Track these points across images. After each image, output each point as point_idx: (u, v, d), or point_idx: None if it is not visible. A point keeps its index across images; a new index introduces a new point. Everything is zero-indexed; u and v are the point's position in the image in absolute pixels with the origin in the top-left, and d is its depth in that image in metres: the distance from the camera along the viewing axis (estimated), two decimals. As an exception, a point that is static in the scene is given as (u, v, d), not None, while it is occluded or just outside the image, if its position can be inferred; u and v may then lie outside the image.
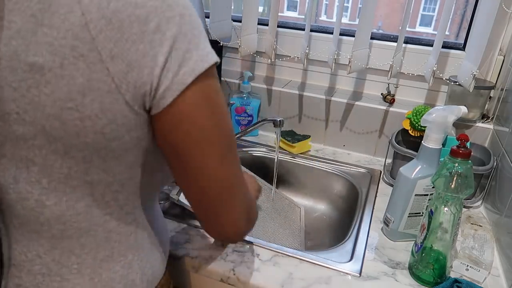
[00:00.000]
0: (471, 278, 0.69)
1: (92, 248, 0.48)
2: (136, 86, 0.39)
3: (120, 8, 0.37)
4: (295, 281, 0.67)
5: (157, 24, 0.38)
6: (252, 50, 1.16)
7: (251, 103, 1.19)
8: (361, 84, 1.18)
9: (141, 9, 0.37)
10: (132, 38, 0.37)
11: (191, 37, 0.40)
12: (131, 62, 0.38)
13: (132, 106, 0.40)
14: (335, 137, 1.17)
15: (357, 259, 0.73)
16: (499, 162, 0.87)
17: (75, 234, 0.46)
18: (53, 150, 0.41)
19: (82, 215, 0.46)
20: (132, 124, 0.41)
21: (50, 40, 0.36)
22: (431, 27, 2.22)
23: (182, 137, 0.43)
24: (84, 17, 0.36)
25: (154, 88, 0.40)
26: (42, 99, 0.38)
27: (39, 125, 0.39)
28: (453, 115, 0.69)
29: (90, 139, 0.40)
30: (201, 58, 0.41)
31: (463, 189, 0.62)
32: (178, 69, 0.40)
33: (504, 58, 1.01)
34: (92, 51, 0.37)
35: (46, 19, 0.36)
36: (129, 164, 0.45)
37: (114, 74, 0.38)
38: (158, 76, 0.39)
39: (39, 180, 0.43)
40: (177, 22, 0.39)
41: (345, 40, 1.13)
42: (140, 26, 0.37)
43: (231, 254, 0.72)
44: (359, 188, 0.99)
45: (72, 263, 0.48)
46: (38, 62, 0.37)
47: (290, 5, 2.02)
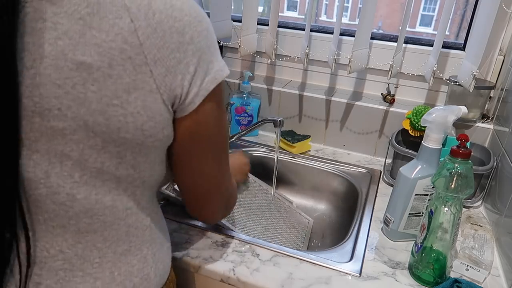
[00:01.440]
0: (471, 278, 0.69)
1: (113, 242, 0.50)
2: (171, 88, 0.44)
3: (163, 19, 0.42)
4: (295, 281, 0.67)
5: (191, 36, 0.44)
6: (252, 50, 1.16)
7: (251, 103, 1.19)
8: (361, 84, 1.18)
9: (179, 22, 0.43)
10: (171, 47, 0.43)
11: (213, 49, 0.47)
12: (169, 67, 0.43)
13: (167, 106, 0.45)
14: (335, 137, 1.17)
15: (357, 259, 0.73)
16: (499, 162, 0.87)
17: (100, 227, 0.48)
18: (91, 145, 0.43)
19: (108, 209, 0.48)
20: (166, 122, 0.46)
21: (99, 42, 0.40)
22: (431, 27, 2.22)
23: (196, 140, 0.50)
24: (133, 24, 0.40)
25: (185, 92, 0.45)
26: (88, 95, 0.41)
27: (82, 121, 0.42)
28: (453, 115, 0.69)
29: (130, 135, 0.44)
30: (220, 68, 0.48)
31: (463, 189, 0.62)
32: (204, 77, 0.46)
33: (504, 58, 1.01)
34: (139, 55, 0.41)
35: (94, 23, 0.39)
36: (153, 161, 0.49)
37: (156, 76, 0.42)
38: (189, 82, 0.45)
39: (72, 174, 0.44)
40: (205, 35, 0.45)
41: (345, 40, 1.13)
42: (178, 37, 0.43)
43: (231, 254, 0.72)
44: (359, 188, 0.99)
45: (94, 257, 0.49)
46: (87, 61, 0.40)
47: (290, 5, 2.01)
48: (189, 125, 0.48)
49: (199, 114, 0.47)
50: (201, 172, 0.53)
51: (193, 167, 0.52)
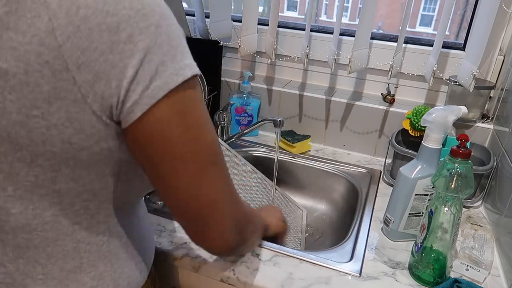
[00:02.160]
0: (471, 278, 0.69)
1: (59, 258, 0.46)
2: (103, 97, 0.37)
3: (90, 15, 0.35)
4: (295, 281, 0.67)
5: (129, 34, 0.36)
6: (252, 50, 1.16)
7: (251, 103, 1.19)
8: (361, 84, 1.18)
9: (112, 18, 0.36)
10: (100, 48, 0.36)
11: (167, 49, 0.39)
12: (99, 72, 0.36)
13: (100, 117, 0.39)
14: (335, 137, 1.17)
15: (357, 259, 0.73)
16: (499, 162, 0.87)
17: (41, 243, 0.45)
18: (18, 158, 0.39)
19: (49, 224, 0.44)
20: (102, 134, 0.40)
21: (15, 45, 0.35)
22: (431, 27, 2.22)
23: (153, 153, 0.41)
24: (51, 22, 0.35)
25: (121, 101, 0.38)
26: (7, 105, 0.37)
27: (4, 132, 0.38)
28: (453, 115, 0.69)
29: (57, 148, 0.39)
30: (176, 71, 0.39)
31: (463, 189, 0.62)
32: (149, 83, 0.38)
33: (504, 58, 1.01)
34: (57, 59, 0.35)
35: (12, 23, 0.35)
36: (100, 174, 0.43)
37: (81, 84, 0.36)
38: (126, 89, 0.37)
39: (5, 188, 0.41)
40: (152, 32, 0.37)
41: (345, 40, 1.13)
42: (110, 35, 0.36)
43: (231, 254, 0.72)
44: (359, 188, 0.99)
45: (37, 274, 0.46)
46: (2, 67, 0.35)
47: (290, 5, 2.01)
48: (137, 136, 0.40)
49: (148, 125, 0.39)
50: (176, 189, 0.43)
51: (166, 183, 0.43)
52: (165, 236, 0.75)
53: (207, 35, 1.15)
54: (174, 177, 0.42)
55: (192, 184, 0.43)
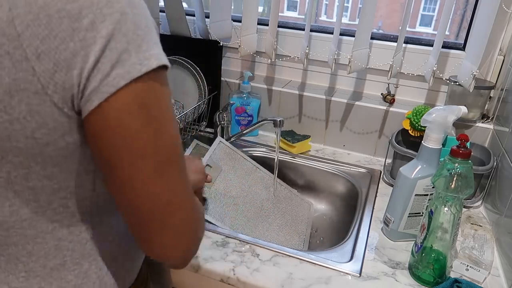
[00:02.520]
0: (471, 278, 0.69)
1: (41, 256, 0.45)
2: (64, 87, 0.36)
3: (49, 2, 0.34)
4: (295, 281, 0.67)
5: (91, 21, 0.35)
6: (252, 50, 1.16)
7: (251, 103, 1.19)
8: (361, 84, 1.18)
9: (73, 4, 0.34)
10: (61, 36, 0.34)
11: (132, 37, 0.37)
12: (59, 61, 0.35)
13: (61, 109, 0.37)
14: (335, 137, 1.17)
15: (357, 259, 0.73)
16: (499, 162, 0.87)
17: (20, 241, 0.44)
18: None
19: (27, 222, 0.43)
20: (66, 128, 0.39)
21: None
22: (431, 27, 2.22)
23: (109, 145, 0.39)
24: (11, 12, 0.34)
25: (81, 89, 0.37)
26: None
27: None
28: (453, 115, 0.69)
29: (22, 144, 0.38)
30: (140, 61, 0.37)
31: (463, 189, 0.62)
32: (110, 71, 0.36)
33: (504, 58, 1.01)
34: (17, 49, 0.34)
35: None
36: (73, 171, 0.42)
37: (40, 74, 0.35)
38: (86, 77, 0.36)
39: None
40: (116, 19, 0.36)
41: (345, 40, 1.13)
42: (70, 22, 0.34)
43: (231, 254, 0.72)
44: (359, 188, 0.99)
45: (20, 271, 0.45)
46: None
47: (290, 5, 2.01)
48: (94, 127, 0.38)
49: (107, 114, 0.37)
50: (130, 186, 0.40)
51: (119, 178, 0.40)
52: (165, 236, 0.75)
53: (207, 35, 1.15)
54: (130, 173, 0.39)
55: (149, 182, 0.40)
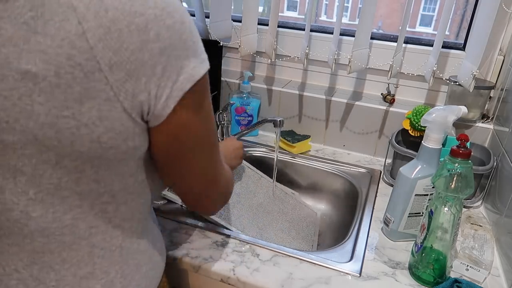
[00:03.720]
0: (471, 278, 0.69)
1: (73, 264, 0.46)
2: (134, 94, 0.39)
3: (119, 16, 0.36)
4: (295, 281, 0.67)
5: (157, 32, 0.38)
6: (252, 50, 1.16)
7: (251, 103, 1.19)
8: (361, 84, 1.18)
9: (140, 18, 0.37)
10: (131, 48, 0.37)
11: (190, 44, 0.41)
12: (130, 71, 0.38)
13: (130, 114, 0.40)
14: (335, 137, 1.17)
15: (357, 259, 0.73)
16: (499, 162, 0.87)
17: (57, 248, 0.45)
18: (44, 160, 0.40)
19: (67, 228, 0.44)
20: (130, 132, 0.41)
21: (44, 48, 0.36)
22: (431, 27, 2.22)
23: (181, 144, 0.45)
24: (81, 26, 0.36)
25: (153, 97, 0.40)
26: (35, 108, 0.37)
27: (31, 134, 0.38)
28: (453, 115, 0.69)
29: (85, 148, 0.40)
30: (198, 64, 0.42)
31: (463, 189, 0.62)
32: (177, 77, 0.40)
33: (504, 58, 1.00)
34: (90, 60, 0.36)
35: (39, 27, 0.35)
36: (121, 174, 0.45)
37: (113, 83, 0.38)
38: (157, 85, 0.40)
39: (26, 191, 0.41)
40: (177, 29, 0.40)
41: (345, 40, 1.13)
42: (139, 35, 0.37)
43: (231, 254, 0.72)
44: (359, 188, 0.99)
45: (50, 280, 0.46)
46: (31, 70, 0.36)
47: (290, 5, 2.01)
48: (171, 131, 0.43)
49: (180, 116, 0.43)
50: (192, 173, 0.49)
51: (183, 169, 0.48)
52: (165, 236, 0.75)
53: (207, 35, 1.15)
54: (192, 163, 0.48)
55: (204, 164, 0.50)
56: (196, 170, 0.49)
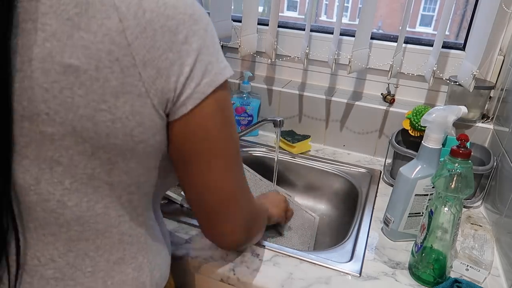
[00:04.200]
0: (471, 278, 0.69)
1: (106, 250, 0.48)
2: (163, 92, 0.41)
3: (154, 18, 0.40)
4: (295, 281, 0.67)
5: (185, 35, 0.41)
6: (252, 50, 1.16)
7: (251, 103, 1.19)
8: (361, 84, 1.18)
9: (172, 21, 0.40)
10: (163, 47, 0.40)
11: (213, 50, 0.44)
12: (161, 69, 0.40)
13: (157, 110, 0.42)
14: (335, 137, 1.17)
15: (357, 259, 0.73)
16: (499, 162, 0.87)
17: (91, 236, 0.47)
18: (80, 151, 0.42)
19: (100, 216, 0.46)
20: (158, 127, 0.44)
21: (87, 43, 0.38)
22: (431, 27, 2.22)
23: (192, 146, 0.46)
24: (121, 23, 0.38)
25: (177, 95, 0.42)
26: (75, 100, 0.39)
27: (70, 126, 0.40)
28: (453, 115, 0.69)
29: (119, 141, 0.42)
30: (220, 70, 0.45)
31: (463, 189, 0.62)
32: (201, 79, 0.43)
33: (504, 58, 1.01)
34: (126, 56, 0.39)
35: (83, 23, 0.38)
36: (147, 167, 0.47)
37: (145, 79, 0.40)
38: (183, 84, 0.42)
39: (62, 181, 0.43)
40: (202, 35, 0.43)
41: (345, 40, 1.13)
42: (170, 36, 0.40)
43: (231, 254, 0.72)
44: (359, 188, 0.99)
45: (86, 266, 0.48)
46: (74, 64, 0.38)
47: (290, 5, 2.02)
48: (182, 130, 0.45)
49: (195, 118, 0.44)
50: (203, 183, 0.48)
51: (196, 177, 0.48)
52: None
53: (207, 35, 1.15)
54: (204, 171, 0.47)
55: (219, 178, 0.48)
56: (210, 181, 0.48)
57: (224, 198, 0.50)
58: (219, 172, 0.48)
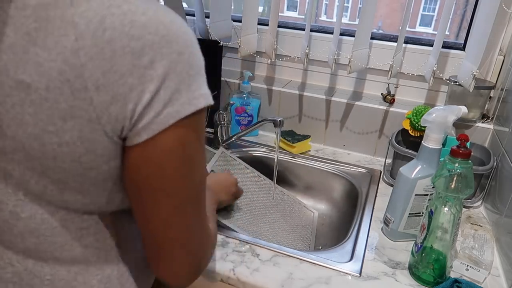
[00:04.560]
0: (471, 278, 0.69)
1: (67, 261, 0.46)
2: (117, 119, 0.38)
3: (116, 38, 0.36)
4: (295, 281, 0.67)
5: (151, 59, 0.37)
6: (252, 50, 1.16)
7: (251, 103, 1.19)
8: (361, 84, 1.18)
9: (136, 42, 0.36)
10: (121, 71, 0.36)
11: (184, 77, 0.39)
12: (117, 94, 0.37)
13: (111, 137, 0.39)
14: (335, 137, 1.17)
15: (357, 259, 0.73)
16: (499, 162, 0.87)
17: (49, 248, 0.45)
18: (30, 167, 0.40)
19: (57, 230, 0.44)
20: (112, 154, 0.40)
21: (41, 60, 0.36)
22: (431, 27, 2.22)
23: (143, 179, 0.41)
24: (77, 42, 0.35)
25: (133, 123, 0.38)
26: (25, 117, 0.37)
27: (20, 142, 0.38)
28: (453, 115, 0.69)
29: (67, 165, 0.40)
30: (190, 100, 0.39)
31: (463, 189, 0.62)
32: (162, 109, 0.38)
33: (504, 58, 1.00)
34: (78, 78, 0.36)
35: (39, 39, 0.36)
36: (107, 190, 0.44)
37: (97, 105, 0.37)
38: (140, 113, 0.38)
39: (16, 192, 0.42)
40: (173, 59, 0.38)
41: (345, 40, 1.13)
42: (132, 59, 0.36)
43: (231, 254, 0.72)
44: (359, 188, 0.99)
45: (45, 274, 0.46)
46: (26, 81, 0.36)
47: (290, 5, 2.02)
48: (135, 159, 0.40)
49: (149, 151, 0.39)
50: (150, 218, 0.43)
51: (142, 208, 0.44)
52: (165, 236, 0.75)
53: (207, 35, 1.15)
54: (152, 207, 0.42)
55: (168, 218, 0.43)
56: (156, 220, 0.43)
57: (169, 236, 0.44)
58: (167, 212, 0.43)
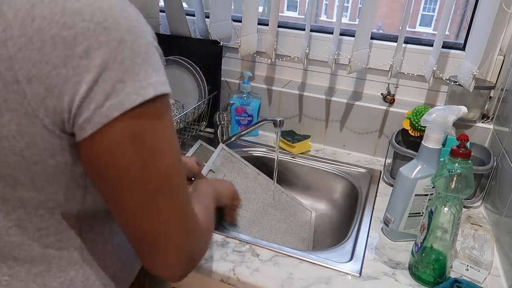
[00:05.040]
0: (471, 278, 0.69)
1: (27, 261, 0.45)
2: (56, 111, 0.36)
3: (45, 27, 0.34)
4: (295, 281, 0.67)
5: (86, 48, 0.34)
6: (252, 50, 1.16)
7: (251, 103, 1.19)
8: (361, 84, 1.18)
9: (68, 30, 0.34)
10: (53, 61, 0.34)
11: (129, 65, 0.36)
12: (51, 86, 0.35)
13: (53, 131, 0.37)
14: (335, 137, 1.17)
15: (357, 259, 0.73)
16: (499, 162, 0.87)
17: (6, 247, 0.44)
18: None
19: (13, 229, 0.43)
20: (57, 148, 0.39)
21: None
22: (431, 27, 2.22)
23: (99, 173, 0.39)
24: (4, 33, 0.34)
25: (72, 116, 0.36)
26: None
27: None
28: (453, 115, 0.69)
29: (10, 160, 0.38)
30: (136, 90, 0.36)
31: (463, 189, 0.62)
32: (104, 101, 0.36)
33: (504, 58, 1.01)
34: (9, 70, 0.34)
35: None
36: (63, 186, 0.42)
37: (31, 97, 0.35)
38: (78, 105, 0.36)
39: None
40: (113, 47, 0.35)
41: (345, 40, 1.13)
42: (64, 49, 0.34)
43: (231, 254, 0.72)
44: (359, 188, 0.99)
45: (3, 274, 0.45)
46: None
47: (290, 5, 2.02)
48: (87, 154, 0.38)
49: (97, 144, 0.37)
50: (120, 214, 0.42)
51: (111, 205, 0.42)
52: (165, 236, 0.75)
53: (207, 35, 1.15)
54: (119, 203, 0.41)
55: (137, 213, 0.41)
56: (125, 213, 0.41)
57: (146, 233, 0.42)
58: (135, 207, 0.40)
